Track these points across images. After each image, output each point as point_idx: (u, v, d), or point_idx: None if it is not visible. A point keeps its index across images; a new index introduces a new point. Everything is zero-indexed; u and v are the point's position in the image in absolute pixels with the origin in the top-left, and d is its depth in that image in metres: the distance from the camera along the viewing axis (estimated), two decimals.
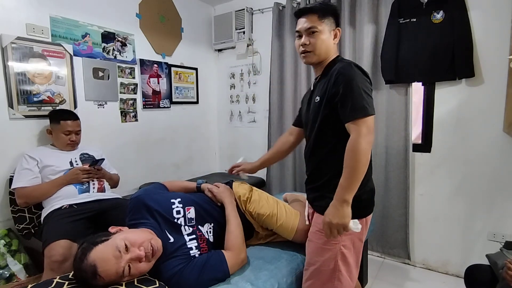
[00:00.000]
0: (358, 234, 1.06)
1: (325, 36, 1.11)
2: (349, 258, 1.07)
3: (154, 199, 1.21)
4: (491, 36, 1.85)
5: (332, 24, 1.13)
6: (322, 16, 1.10)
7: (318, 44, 1.11)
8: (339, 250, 1.05)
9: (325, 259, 1.07)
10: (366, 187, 1.08)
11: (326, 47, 1.12)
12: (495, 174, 1.92)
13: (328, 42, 1.12)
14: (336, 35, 1.15)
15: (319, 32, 1.10)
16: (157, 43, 2.62)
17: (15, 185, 1.62)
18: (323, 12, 1.10)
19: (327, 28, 1.11)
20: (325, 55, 1.13)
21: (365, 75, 1.05)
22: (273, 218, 1.30)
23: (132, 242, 0.95)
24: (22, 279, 1.59)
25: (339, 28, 1.15)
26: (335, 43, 1.16)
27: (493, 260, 1.28)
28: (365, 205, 1.10)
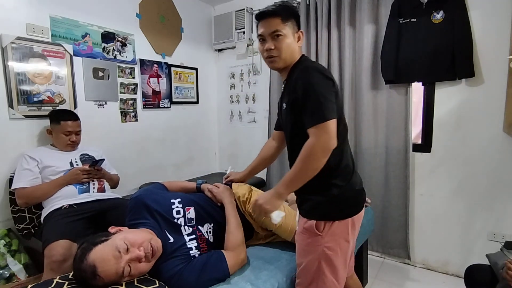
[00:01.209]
0: (343, 235, 1.05)
1: (290, 40, 1.08)
2: (334, 261, 1.05)
3: (154, 199, 1.21)
4: (491, 36, 1.85)
5: (294, 27, 1.10)
6: (285, 19, 1.07)
7: (284, 48, 1.08)
8: (322, 252, 1.04)
9: (309, 260, 1.07)
10: (343, 187, 1.04)
11: (291, 51, 1.09)
12: (495, 174, 1.92)
13: (293, 46, 1.09)
14: (300, 38, 1.12)
15: (283, 36, 1.07)
16: (157, 43, 2.62)
17: (15, 186, 1.62)
18: (286, 14, 1.07)
19: (290, 31, 1.09)
20: (290, 59, 1.11)
21: (326, 77, 1.00)
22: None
23: (132, 242, 0.95)
24: (22, 279, 1.59)
25: (301, 31, 1.13)
26: (299, 46, 1.13)
27: (493, 260, 1.28)
28: (348, 204, 1.06)
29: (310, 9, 2.42)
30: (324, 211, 1.05)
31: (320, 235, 1.04)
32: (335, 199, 1.04)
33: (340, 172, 1.05)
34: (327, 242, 1.04)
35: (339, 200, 1.04)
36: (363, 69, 2.23)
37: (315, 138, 0.95)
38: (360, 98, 2.28)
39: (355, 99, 2.33)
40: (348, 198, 1.06)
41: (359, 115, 2.31)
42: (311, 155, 0.96)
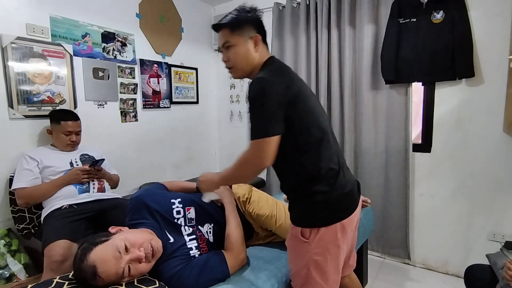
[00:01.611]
0: (332, 240, 1.01)
1: (242, 49, 1.04)
2: (324, 266, 1.02)
3: (154, 199, 1.21)
4: (491, 36, 1.85)
5: (248, 32, 1.05)
6: (234, 28, 1.04)
7: (235, 58, 1.06)
8: (310, 258, 1.02)
9: (298, 266, 1.07)
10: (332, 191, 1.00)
11: (246, 60, 1.06)
12: (495, 174, 1.92)
13: (247, 54, 1.05)
14: (256, 43, 1.06)
15: (234, 46, 1.05)
16: (157, 43, 2.62)
17: (15, 186, 1.62)
18: (235, 23, 1.04)
19: (242, 39, 1.04)
20: (248, 67, 1.07)
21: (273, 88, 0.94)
22: (272, 219, 1.30)
23: (132, 243, 0.95)
24: (22, 279, 1.59)
25: (257, 35, 1.06)
26: (257, 51, 1.07)
27: (493, 260, 1.28)
28: (334, 209, 1.01)
29: (310, 9, 2.42)
30: (308, 219, 1.02)
31: (307, 242, 1.01)
32: (318, 206, 1.00)
33: (322, 178, 1.00)
34: (314, 248, 1.01)
35: (323, 206, 1.00)
36: (363, 69, 2.23)
37: (250, 153, 0.96)
38: (360, 98, 2.28)
39: (355, 99, 2.33)
40: (333, 203, 1.00)
41: (359, 115, 2.31)
42: (243, 166, 1.00)
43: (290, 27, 2.55)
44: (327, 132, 1.04)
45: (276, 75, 0.99)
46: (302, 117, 0.98)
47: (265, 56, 1.10)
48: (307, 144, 0.99)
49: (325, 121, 1.07)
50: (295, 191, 1.05)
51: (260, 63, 1.08)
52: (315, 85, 2.47)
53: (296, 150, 1.00)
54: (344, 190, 1.02)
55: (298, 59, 2.54)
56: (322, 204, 1.00)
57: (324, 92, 2.41)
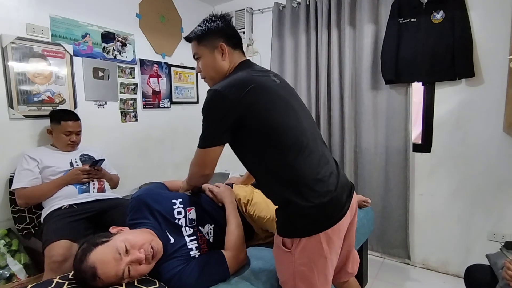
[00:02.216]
0: (317, 251, 0.94)
1: (208, 59, 1.08)
2: (310, 278, 0.97)
3: (155, 199, 1.20)
4: (491, 36, 1.85)
5: (213, 42, 1.06)
6: (200, 40, 1.08)
7: (203, 69, 1.11)
8: (295, 269, 0.97)
9: (284, 277, 1.03)
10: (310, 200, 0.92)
11: (214, 69, 1.09)
12: (495, 174, 1.92)
13: (214, 64, 1.08)
14: (223, 51, 1.07)
15: (201, 57, 1.10)
16: (157, 43, 2.62)
17: (15, 186, 1.62)
18: (199, 36, 1.08)
19: (207, 50, 1.07)
20: (218, 76, 1.09)
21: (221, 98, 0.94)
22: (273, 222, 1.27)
23: (132, 244, 0.94)
24: (22, 279, 1.59)
25: (221, 44, 1.06)
26: (224, 59, 1.08)
27: (493, 260, 1.28)
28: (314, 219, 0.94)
29: (310, 9, 2.42)
30: (288, 228, 0.98)
31: (289, 252, 0.96)
32: (295, 215, 0.95)
33: (297, 186, 0.94)
34: (298, 259, 0.96)
35: (302, 217, 0.94)
36: (363, 69, 2.23)
37: (193, 160, 1.07)
38: (360, 98, 2.28)
39: (355, 99, 2.33)
40: (314, 212, 0.93)
41: (359, 115, 2.31)
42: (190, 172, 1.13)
43: (290, 27, 2.55)
44: (306, 138, 0.98)
45: (230, 86, 0.96)
46: (267, 126, 0.95)
47: (237, 61, 1.10)
48: (279, 152, 0.95)
49: (306, 127, 1.02)
50: (274, 199, 1.04)
51: (231, 70, 1.09)
52: (315, 85, 2.47)
53: (268, 158, 0.97)
54: (325, 199, 0.94)
55: (298, 59, 2.54)
56: (299, 214, 0.94)
57: (324, 92, 2.41)
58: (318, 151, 1.00)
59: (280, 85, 1.07)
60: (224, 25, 1.10)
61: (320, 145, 1.04)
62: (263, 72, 1.09)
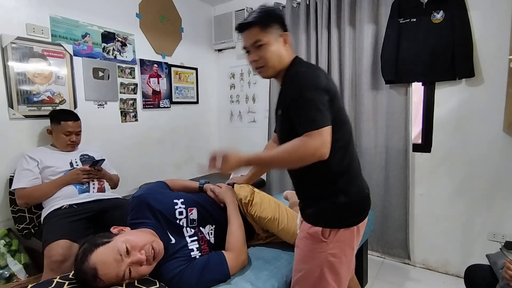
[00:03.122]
0: (349, 242, 1.02)
1: (274, 47, 1.03)
2: (338, 268, 1.02)
3: (157, 199, 1.19)
4: (491, 36, 1.85)
5: (277, 30, 1.04)
6: (264, 26, 1.02)
7: (269, 57, 1.03)
8: (325, 258, 1.01)
9: (311, 267, 1.04)
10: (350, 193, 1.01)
11: (278, 58, 1.04)
12: (495, 174, 1.92)
13: (279, 52, 1.04)
14: (286, 41, 1.06)
15: (266, 44, 1.02)
16: (157, 43, 2.62)
17: (15, 186, 1.62)
18: (264, 21, 1.02)
19: (273, 37, 1.03)
20: (280, 65, 1.06)
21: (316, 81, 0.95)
22: (274, 222, 1.29)
23: (133, 245, 0.94)
24: (22, 279, 1.59)
25: (286, 33, 1.06)
26: (287, 49, 1.07)
27: (493, 260, 1.28)
28: (355, 212, 1.03)
29: (310, 9, 2.42)
30: (330, 219, 1.01)
31: (325, 242, 1.00)
32: (342, 207, 1.00)
33: (347, 177, 1.02)
34: (332, 249, 1.00)
35: (346, 208, 1.01)
36: (363, 69, 2.23)
37: (308, 139, 0.89)
38: (360, 98, 2.28)
39: (355, 99, 2.32)
40: (355, 205, 1.02)
41: (359, 115, 2.31)
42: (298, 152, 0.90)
43: (290, 27, 2.54)
44: (352, 134, 1.08)
45: (317, 70, 1.01)
46: (338, 114, 0.99)
47: (292, 55, 1.10)
48: (340, 141, 0.99)
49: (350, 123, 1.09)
50: (318, 187, 1.03)
51: (287, 61, 1.07)
52: None
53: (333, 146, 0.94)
54: (364, 193, 1.06)
55: None
56: (345, 206, 1.00)
57: None
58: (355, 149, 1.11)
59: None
60: (282, 16, 1.09)
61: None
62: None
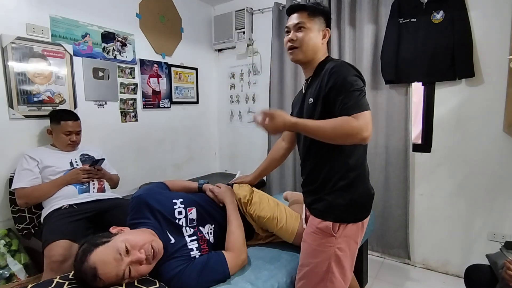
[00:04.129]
0: (354, 237, 1.07)
1: (313, 34, 1.10)
2: (344, 262, 1.06)
3: (156, 199, 1.20)
4: (491, 36, 1.85)
5: (322, 24, 1.12)
6: (312, 14, 1.10)
7: (306, 40, 1.09)
8: (333, 252, 1.05)
9: (319, 261, 1.07)
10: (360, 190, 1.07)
11: (313, 45, 1.10)
12: (495, 174, 1.92)
13: (316, 41, 1.11)
14: (325, 36, 1.14)
15: (307, 29, 1.09)
16: (157, 43, 2.62)
17: (15, 186, 1.62)
18: (313, 10, 1.11)
19: (316, 26, 1.10)
20: (312, 53, 1.11)
21: (358, 73, 1.03)
22: (273, 221, 1.29)
23: (133, 244, 0.94)
24: (22, 279, 1.59)
25: (328, 29, 1.14)
26: (323, 43, 1.14)
27: (493, 260, 1.28)
28: (364, 208, 1.09)
29: None
30: (341, 214, 1.05)
31: (334, 236, 1.04)
32: (353, 202, 1.05)
33: (361, 173, 1.07)
34: (339, 243, 1.05)
35: (356, 204, 1.06)
36: (363, 69, 2.23)
37: (355, 120, 0.92)
38: None
39: None
40: (365, 201, 1.09)
41: None
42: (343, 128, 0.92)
43: None
44: None
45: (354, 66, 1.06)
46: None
47: (326, 52, 1.17)
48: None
49: None
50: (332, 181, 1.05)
51: (321, 56, 1.13)
52: None
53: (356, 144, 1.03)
54: (372, 190, 1.12)
55: None
56: (357, 202, 1.05)
57: None
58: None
59: None
60: (329, 14, 1.17)
61: None
62: None
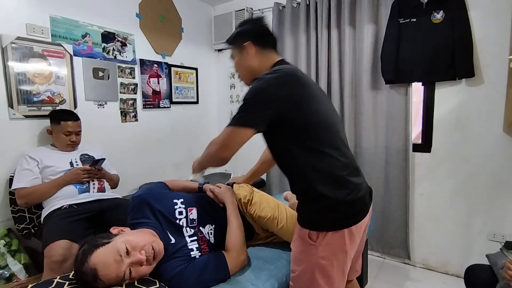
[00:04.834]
0: (339, 245, 0.98)
1: (238, 59, 1.16)
2: (329, 271, 1.00)
3: (157, 198, 1.20)
4: (491, 36, 1.85)
5: (239, 43, 1.13)
6: (232, 42, 1.19)
7: (237, 67, 1.19)
8: (316, 262, 0.99)
9: (302, 269, 1.04)
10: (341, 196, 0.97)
11: (244, 68, 1.16)
12: (495, 174, 1.92)
13: (244, 63, 1.14)
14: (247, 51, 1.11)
15: (234, 57, 1.19)
16: (157, 43, 2.62)
17: (15, 186, 1.61)
18: (231, 38, 1.19)
19: (237, 51, 1.15)
20: (249, 74, 1.15)
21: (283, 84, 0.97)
22: (274, 221, 1.29)
23: (133, 245, 0.94)
24: (22, 279, 1.59)
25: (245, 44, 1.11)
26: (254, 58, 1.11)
27: (493, 260, 1.28)
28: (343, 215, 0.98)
29: (310, 9, 2.42)
30: (316, 221, 1.00)
31: (313, 245, 0.98)
32: (327, 210, 0.97)
33: (332, 181, 0.98)
34: (321, 252, 0.98)
35: (332, 211, 0.97)
36: (363, 69, 2.23)
37: (219, 138, 1.00)
38: (360, 98, 2.28)
39: (355, 99, 2.33)
40: (343, 208, 0.98)
41: (359, 115, 2.31)
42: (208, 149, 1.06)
43: (290, 27, 2.55)
44: (338, 137, 1.04)
45: (277, 77, 0.98)
46: (308, 120, 0.98)
47: (271, 60, 1.12)
48: (315, 146, 0.98)
49: (337, 126, 1.07)
50: (303, 192, 1.04)
51: (264, 67, 1.09)
52: None
53: (305, 151, 0.99)
54: (355, 196, 0.99)
55: (298, 59, 2.54)
56: (330, 208, 0.97)
57: (324, 92, 2.41)
58: (346, 149, 1.08)
59: (315, 84, 1.12)
60: (252, 26, 1.16)
61: (345, 144, 1.10)
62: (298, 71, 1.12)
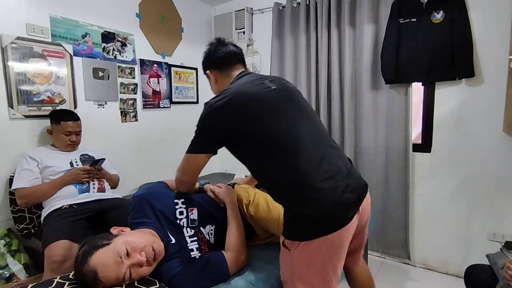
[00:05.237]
0: (318, 255, 0.95)
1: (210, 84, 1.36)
2: (309, 278, 0.98)
3: (158, 198, 1.19)
4: (491, 36, 1.85)
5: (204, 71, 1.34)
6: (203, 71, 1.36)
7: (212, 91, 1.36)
8: (293, 269, 0.99)
9: (285, 275, 1.05)
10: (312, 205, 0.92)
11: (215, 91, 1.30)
12: (495, 174, 1.92)
13: (212, 87, 1.34)
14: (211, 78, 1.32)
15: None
16: (157, 43, 2.62)
17: (16, 186, 1.61)
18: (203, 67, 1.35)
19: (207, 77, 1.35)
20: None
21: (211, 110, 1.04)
22: (274, 223, 1.29)
23: (133, 247, 0.93)
24: (22, 279, 1.59)
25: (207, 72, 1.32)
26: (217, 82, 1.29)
27: (493, 260, 1.28)
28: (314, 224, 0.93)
29: (310, 9, 2.42)
30: (289, 230, 0.99)
31: (288, 253, 0.99)
32: (296, 220, 0.96)
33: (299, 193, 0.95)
34: (296, 260, 0.97)
35: (302, 221, 0.95)
36: (363, 69, 2.23)
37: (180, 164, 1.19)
38: (360, 98, 2.28)
39: (355, 99, 2.33)
40: (313, 219, 0.93)
41: (359, 115, 2.31)
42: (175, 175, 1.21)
43: (290, 27, 2.55)
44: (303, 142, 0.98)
45: (220, 99, 1.04)
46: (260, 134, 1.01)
47: (232, 77, 1.22)
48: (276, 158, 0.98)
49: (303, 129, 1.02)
50: (279, 203, 1.08)
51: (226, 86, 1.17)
52: (315, 85, 2.47)
53: (267, 165, 1.00)
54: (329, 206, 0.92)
55: (298, 59, 2.54)
56: (302, 218, 0.95)
57: (324, 92, 2.41)
58: (317, 154, 0.98)
59: (276, 90, 1.08)
60: (207, 54, 1.29)
61: (322, 146, 1.02)
62: (258, 79, 1.12)
